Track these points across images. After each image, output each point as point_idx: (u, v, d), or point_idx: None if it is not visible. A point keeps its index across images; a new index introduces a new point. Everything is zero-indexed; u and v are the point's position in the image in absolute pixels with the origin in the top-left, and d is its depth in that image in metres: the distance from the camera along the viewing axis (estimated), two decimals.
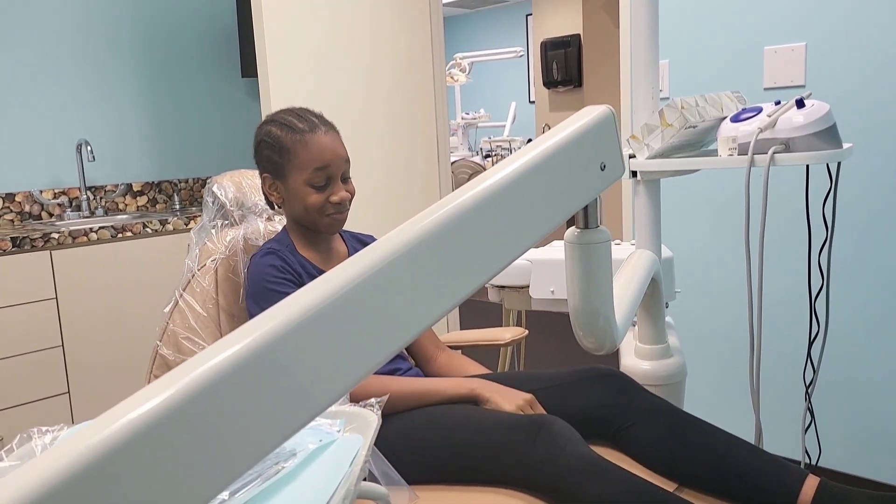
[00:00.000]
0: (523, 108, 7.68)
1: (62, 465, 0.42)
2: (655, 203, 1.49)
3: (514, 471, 1.15)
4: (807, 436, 1.56)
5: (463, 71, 6.12)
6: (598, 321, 0.88)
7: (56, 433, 0.75)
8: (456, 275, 0.65)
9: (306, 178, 1.39)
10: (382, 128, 2.65)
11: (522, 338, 1.68)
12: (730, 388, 2.25)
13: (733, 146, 1.32)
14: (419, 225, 0.62)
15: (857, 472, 2.03)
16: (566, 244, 0.87)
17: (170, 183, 3.10)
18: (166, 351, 1.49)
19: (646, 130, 1.39)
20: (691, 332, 2.28)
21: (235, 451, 0.49)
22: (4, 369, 2.20)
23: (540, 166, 0.73)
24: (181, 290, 1.52)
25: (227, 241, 1.55)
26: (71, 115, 2.82)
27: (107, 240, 2.39)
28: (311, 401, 0.53)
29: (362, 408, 0.76)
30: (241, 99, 3.34)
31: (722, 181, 2.20)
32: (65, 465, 0.42)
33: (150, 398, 0.45)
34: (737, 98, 1.52)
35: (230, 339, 0.50)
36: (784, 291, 2.07)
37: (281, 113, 1.45)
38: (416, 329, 0.61)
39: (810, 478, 1.12)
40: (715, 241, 2.24)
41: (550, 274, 1.66)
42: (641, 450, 1.26)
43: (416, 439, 1.24)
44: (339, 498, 0.61)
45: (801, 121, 1.26)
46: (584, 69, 5.35)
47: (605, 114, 0.82)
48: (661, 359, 1.45)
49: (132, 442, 0.44)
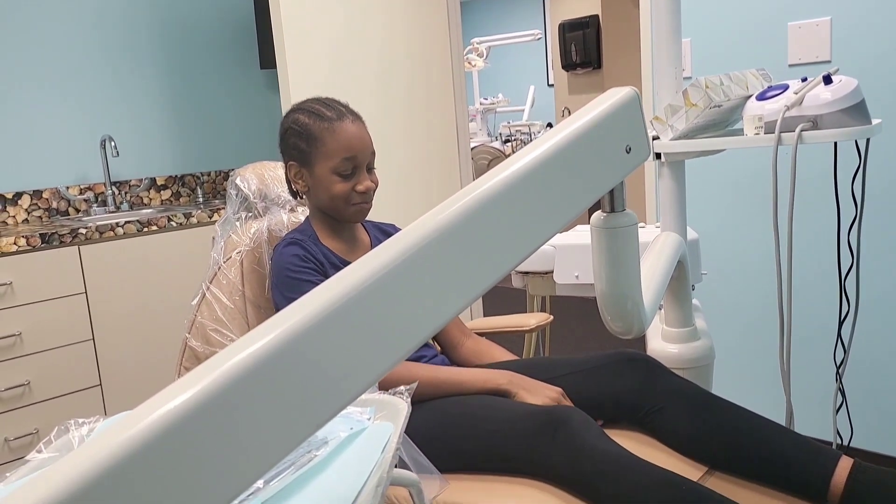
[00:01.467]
0: (542, 91, 7.63)
1: (102, 457, 0.42)
2: (680, 184, 1.48)
3: (535, 464, 1.16)
4: (838, 416, 1.55)
5: (480, 56, 6.09)
6: (625, 305, 0.87)
7: (92, 425, 0.77)
8: (484, 262, 0.65)
9: (333, 167, 1.39)
10: (401, 115, 2.64)
11: (547, 323, 1.68)
12: (759, 370, 2.23)
13: (759, 125, 1.30)
14: (446, 213, 0.62)
15: (890, 452, 2.01)
16: (592, 228, 0.86)
17: (192, 176, 3.13)
18: (195, 343, 1.50)
19: (669, 111, 1.37)
20: (718, 314, 2.26)
21: (269, 441, 0.49)
22: (38, 363, 2.24)
23: (565, 150, 0.72)
24: (208, 282, 1.54)
25: (251, 233, 1.56)
26: (94, 111, 2.85)
27: (133, 234, 2.42)
28: (343, 390, 0.53)
29: (392, 395, 0.76)
30: (260, 90, 3.35)
31: (746, 160, 2.16)
32: (105, 456, 0.42)
33: (183, 390, 0.46)
34: (762, 76, 1.49)
35: (261, 330, 0.50)
36: (813, 271, 2.05)
37: (308, 102, 1.45)
38: (445, 317, 0.61)
39: (844, 459, 1.10)
40: (740, 222, 2.21)
41: (574, 259, 1.66)
42: (670, 433, 1.25)
43: (440, 428, 1.24)
44: (372, 485, 0.61)
45: (828, 97, 1.24)
46: (603, 51, 5.30)
47: (630, 96, 0.81)
48: (688, 342, 1.44)
49: (168, 434, 0.44)
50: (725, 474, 1.18)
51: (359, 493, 0.61)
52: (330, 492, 0.62)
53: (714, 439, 1.19)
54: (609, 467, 1.07)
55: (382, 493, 0.59)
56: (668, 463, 1.20)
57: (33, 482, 0.40)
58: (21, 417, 2.22)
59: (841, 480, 1.08)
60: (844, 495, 1.07)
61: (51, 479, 0.41)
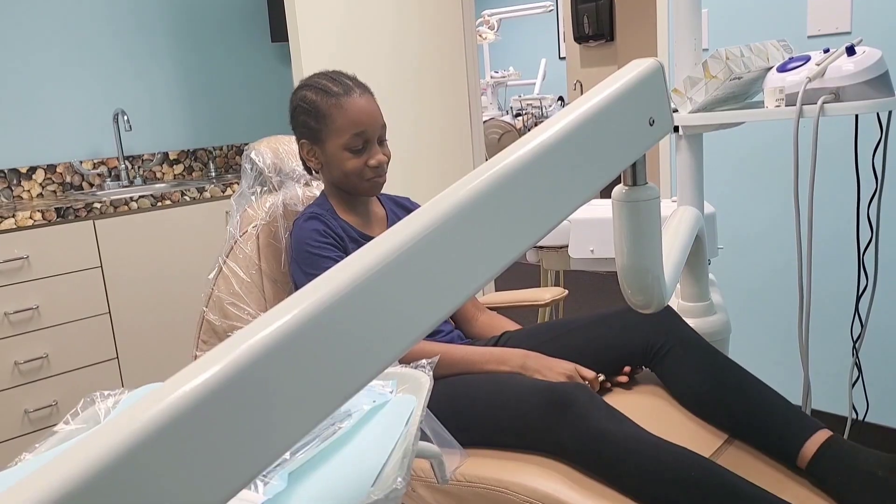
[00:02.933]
0: (554, 64, 7.54)
1: (135, 429, 0.43)
2: (698, 158, 1.46)
3: (545, 442, 1.17)
4: (854, 391, 1.55)
5: (491, 28, 6.01)
6: (646, 279, 0.87)
7: (118, 397, 0.77)
8: (507, 236, 0.64)
9: (344, 143, 1.38)
10: (413, 88, 2.62)
11: (562, 298, 1.68)
12: (774, 344, 2.22)
13: (780, 97, 1.28)
14: (470, 186, 0.61)
15: None
16: (614, 202, 0.85)
17: (205, 150, 3.13)
18: (212, 317, 1.51)
19: (688, 83, 1.35)
20: (734, 289, 2.26)
21: (297, 413, 0.50)
22: (55, 336, 2.27)
23: (590, 122, 0.71)
24: (224, 256, 1.54)
25: (266, 208, 1.56)
26: (106, 85, 2.85)
27: (147, 208, 2.43)
28: (368, 364, 0.53)
29: (414, 369, 0.77)
30: (272, 64, 3.33)
31: (761, 133, 2.14)
32: (138, 428, 0.43)
33: (212, 364, 0.46)
34: (783, 47, 1.47)
35: (287, 304, 0.50)
36: (831, 245, 2.03)
37: (314, 77, 1.44)
38: (468, 292, 0.61)
39: (822, 431, 1.12)
40: (755, 196, 2.20)
41: (590, 233, 1.65)
42: (673, 378, 1.29)
43: (453, 403, 1.25)
44: (397, 457, 0.62)
45: (851, 69, 1.22)
46: (616, 22, 5.22)
47: (654, 67, 0.80)
48: (704, 316, 1.44)
49: (199, 407, 0.45)
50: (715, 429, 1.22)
51: (384, 465, 0.62)
52: (355, 463, 0.63)
53: (713, 390, 1.23)
54: (619, 446, 1.07)
55: (409, 465, 0.59)
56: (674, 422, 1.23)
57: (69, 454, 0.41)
58: (40, 390, 2.25)
59: (811, 449, 1.10)
60: (812, 461, 1.09)
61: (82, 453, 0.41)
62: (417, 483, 1.23)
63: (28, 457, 0.69)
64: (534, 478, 1.12)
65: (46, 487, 0.40)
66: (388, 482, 0.57)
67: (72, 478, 0.40)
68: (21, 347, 2.20)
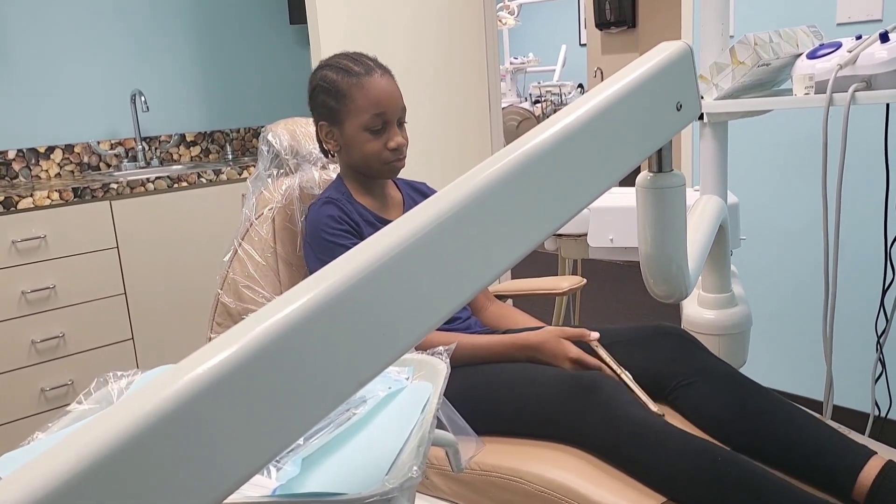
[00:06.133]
0: (574, 51, 7.46)
1: (147, 411, 0.42)
2: (723, 146, 1.43)
3: (568, 429, 1.15)
4: (877, 387, 1.51)
5: (511, 14, 5.96)
6: (670, 269, 0.85)
7: (131, 378, 0.77)
8: (526, 222, 0.63)
9: (363, 123, 1.36)
10: (432, 73, 2.60)
11: (580, 287, 1.66)
12: (796, 338, 2.19)
13: (810, 84, 1.25)
14: (492, 169, 0.60)
15: None
16: (638, 189, 0.83)
17: (221, 133, 3.12)
18: (227, 299, 1.51)
19: (715, 69, 1.32)
20: (755, 281, 2.22)
21: (313, 398, 0.49)
22: (72, 316, 2.28)
23: (615, 106, 0.69)
24: (240, 239, 1.53)
25: (283, 190, 1.55)
26: (124, 66, 2.84)
27: (163, 190, 2.43)
28: (383, 350, 0.52)
29: (430, 356, 0.75)
30: (290, 46, 3.31)
31: (788, 122, 2.10)
32: (150, 409, 0.42)
33: (224, 348, 0.45)
34: (813, 33, 1.43)
35: (302, 287, 0.49)
36: (857, 237, 1.99)
37: (335, 57, 1.42)
38: (486, 279, 0.59)
39: (876, 457, 1.03)
40: (780, 186, 2.15)
41: (609, 221, 1.62)
42: (698, 410, 1.19)
43: (471, 391, 1.23)
44: (413, 444, 0.61)
45: (884, 56, 1.18)
46: (638, 8, 5.15)
47: (683, 50, 0.78)
48: (725, 308, 1.41)
49: (211, 390, 0.44)
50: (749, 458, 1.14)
51: (399, 452, 0.60)
52: (370, 450, 0.62)
53: (741, 421, 1.14)
54: (644, 434, 1.06)
55: (425, 453, 0.58)
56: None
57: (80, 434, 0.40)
58: (56, 369, 2.26)
59: (869, 477, 1.01)
60: (871, 492, 1.00)
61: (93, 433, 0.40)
62: (431, 471, 1.22)
63: (40, 436, 0.69)
64: (549, 467, 1.11)
65: (56, 468, 0.39)
66: (403, 470, 0.56)
67: (81, 459, 0.39)
68: (38, 326, 2.21)
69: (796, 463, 1.08)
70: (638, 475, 1.07)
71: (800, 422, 1.11)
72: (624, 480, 1.07)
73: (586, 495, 1.05)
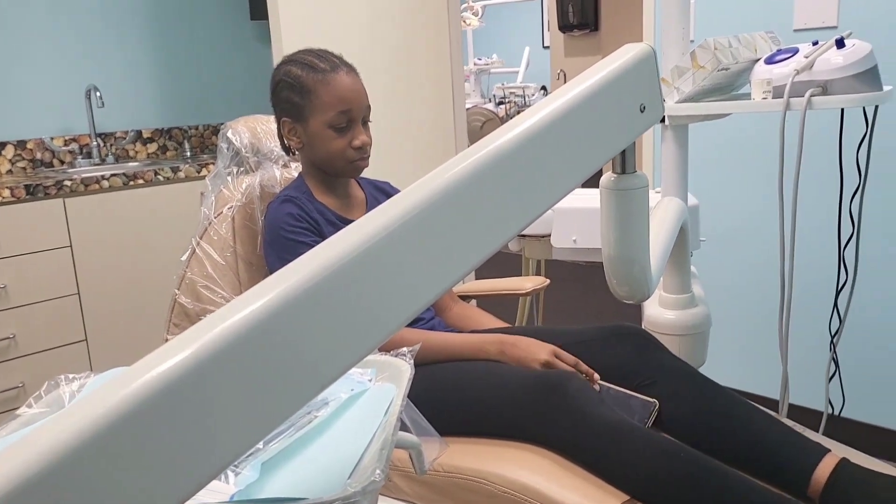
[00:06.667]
0: (537, 53, 7.51)
1: (98, 414, 0.40)
2: (683, 149, 1.45)
3: (533, 429, 1.15)
4: (830, 385, 1.55)
5: (476, 14, 5.97)
6: (633, 270, 0.85)
7: (83, 381, 0.74)
8: (491, 222, 0.62)
9: (328, 120, 1.34)
10: (396, 73, 2.58)
11: (544, 287, 1.66)
12: (753, 338, 2.23)
13: (768, 89, 1.27)
14: (455, 170, 0.59)
15: (880, 423, 2.02)
16: (602, 190, 0.84)
17: (180, 130, 3.06)
18: (185, 300, 1.48)
19: (676, 73, 1.34)
20: (715, 282, 2.26)
21: (271, 402, 0.47)
22: (24, 317, 2.21)
23: (579, 107, 0.69)
24: (198, 237, 1.50)
25: (243, 189, 1.53)
26: (79, 60, 2.77)
27: (119, 187, 2.37)
28: (346, 352, 0.51)
29: (394, 357, 0.74)
30: (251, 42, 3.26)
31: (747, 126, 2.14)
32: (101, 413, 0.40)
33: (182, 349, 0.44)
34: (771, 39, 1.46)
35: (263, 287, 0.48)
36: (812, 239, 2.04)
37: (300, 53, 1.40)
38: (451, 279, 0.58)
39: (830, 455, 1.06)
40: (739, 189, 2.19)
41: (573, 222, 1.63)
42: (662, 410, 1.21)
43: (436, 391, 1.23)
44: (376, 447, 0.60)
45: (840, 62, 1.21)
46: (601, 11, 5.21)
47: (646, 52, 0.78)
48: (685, 308, 1.43)
49: (166, 393, 0.42)
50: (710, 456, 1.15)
51: (362, 456, 0.59)
52: (332, 454, 0.61)
53: (701, 419, 1.16)
54: (608, 433, 1.06)
55: (388, 456, 0.57)
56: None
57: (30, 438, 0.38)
58: (7, 371, 2.19)
59: (823, 475, 1.04)
60: (825, 491, 1.03)
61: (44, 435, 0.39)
62: (394, 473, 1.21)
63: None
64: (514, 468, 1.11)
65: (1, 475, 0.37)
66: (365, 474, 0.55)
67: (28, 467, 0.38)
68: None
69: (754, 461, 1.10)
70: (601, 474, 1.07)
71: (757, 421, 1.13)
72: (588, 479, 1.07)
73: (550, 495, 1.06)
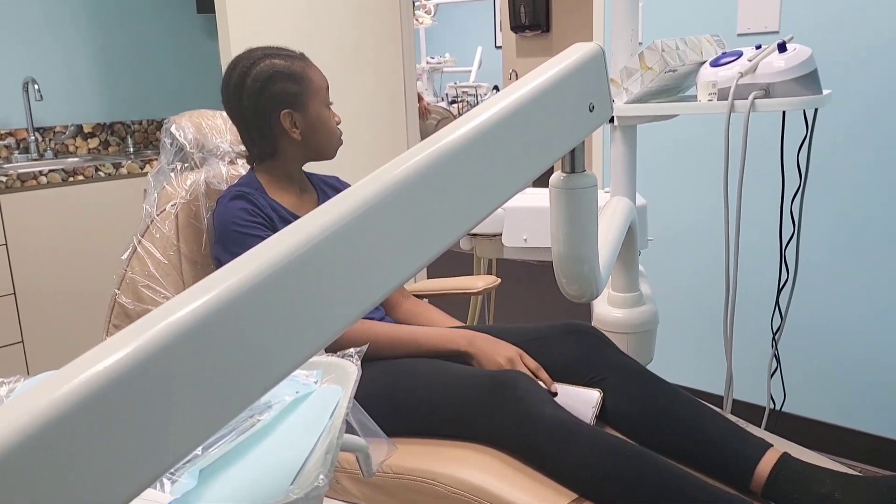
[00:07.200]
0: (490, 53, 7.54)
1: (23, 423, 0.38)
2: (632, 149, 1.47)
3: (482, 429, 1.15)
4: (772, 381, 1.59)
5: (428, 13, 5.96)
6: (582, 269, 0.85)
7: (13, 385, 0.70)
8: (441, 219, 0.61)
9: (324, 100, 1.40)
10: (347, 69, 2.56)
11: (495, 286, 1.66)
12: (698, 336, 2.28)
13: (713, 91, 1.29)
14: (404, 166, 0.58)
15: (820, 417, 2.09)
16: (551, 189, 0.83)
17: (122, 125, 2.97)
18: (125, 299, 1.43)
19: (625, 74, 1.35)
20: (661, 280, 2.30)
21: (210, 406, 0.45)
22: None
23: (528, 106, 0.69)
24: (139, 235, 1.45)
25: (187, 186, 1.48)
26: (15, 51, 2.66)
27: (57, 183, 2.28)
28: (290, 352, 0.49)
29: (341, 358, 0.73)
30: (197, 36, 3.18)
31: (693, 127, 2.18)
32: (26, 421, 0.38)
33: (115, 350, 0.41)
34: (716, 42, 1.48)
35: (203, 286, 0.46)
36: (754, 239, 2.09)
37: (261, 49, 1.41)
38: (401, 277, 0.57)
39: (772, 450, 1.09)
40: (685, 189, 2.24)
41: (524, 221, 1.64)
42: (608, 406, 1.22)
43: (386, 390, 1.22)
44: (320, 451, 0.58)
45: (782, 65, 1.24)
46: (552, 12, 5.25)
47: (595, 51, 0.78)
48: (633, 307, 1.45)
49: (98, 397, 0.40)
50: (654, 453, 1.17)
51: (306, 460, 0.58)
52: (275, 459, 0.59)
53: (649, 416, 1.18)
54: (557, 432, 1.07)
55: (333, 460, 0.55)
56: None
57: None
58: None
59: (766, 469, 1.06)
60: (767, 485, 1.06)
61: None
62: (342, 475, 1.19)
63: None
64: (463, 468, 1.10)
65: None
66: (309, 480, 0.53)
67: None
68: None
69: (700, 456, 1.12)
70: (550, 473, 1.07)
71: (703, 417, 1.15)
72: (537, 479, 1.07)
73: (499, 495, 1.05)
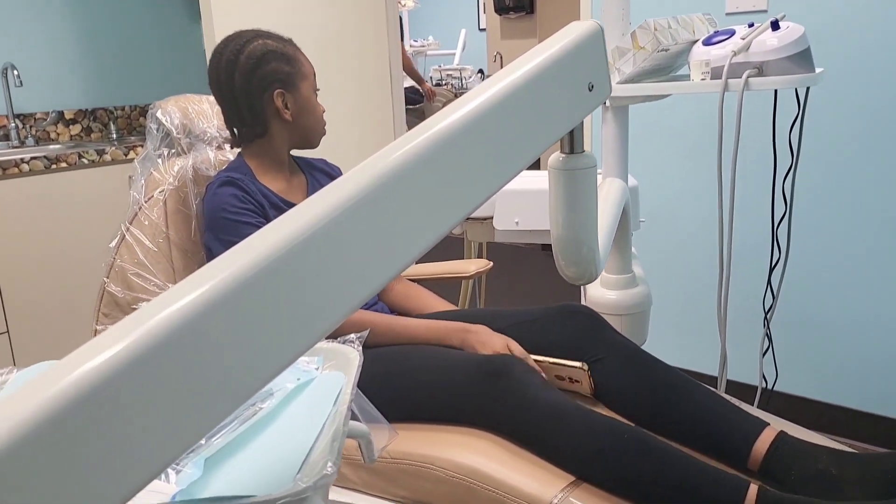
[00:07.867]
0: (474, 35, 7.48)
1: (28, 414, 0.37)
2: (624, 130, 1.46)
3: (479, 413, 1.15)
4: (764, 360, 1.60)
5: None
6: (581, 250, 0.85)
7: (6, 376, 0.69)
8: (440, 204, 0.60)
9: (312, 84, 1.40)
10: (332, 53, 2.53)
11: (487, 270, 1.66)
12: (692, 316, 2.29)
13: (706, 70, 1.29)
14: (400, 151, 0.57)
15: (811, 396, 2.11)
16: (550, 170, 0.83)
17: (105, 110, 2.92)
18: (115, 288, 1.41)
19: (617, 54, 1.34)
20: (653, 261, 2.30)
21: (213, 396, 0.45)
22: None
23: (528, 86, 0.68)
24: (127, 223, 1.43)
25: (175, 171, 1.46)
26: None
27: (40, 171, 2.24)
28: (292, 341, 0.49)
29: (342, 344, 0.72)
30: (181, 19, 3.13)
31: (685, 107, 2.17)
32: (31, 412, 0.37)
33: (116, 341, 0.40)
34: (708, 21, 1.48)
35: (202, 274, 0.45)
36: (746, 218, 2.09)
37: (250, 31, 1.39)
38: (401, 263, 0.56)
39: (769, 428, 1.09)
40: (678, 169, 2.23)
41: (515, 204, 1.63)
42: (604, 386, 1.23)
43: (383, 377, 1.21)
44: (326, 439, 0.57)
45: (775, 43, 1.23)
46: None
47: (594, 30, 0.77)
48: (626, 288, 1.45)
49: (101, 388, 0.39)
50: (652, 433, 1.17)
51: (311, 448, 0.57)
52: (279, 447, 0.58)
53: (645, 396, 1.18)
54: (552, 415, 1.07)
55: (339, 448, 0.55)
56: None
57: None
58: None
59: (763, 448, 1.06)
60: (764, 463, 1.06)
61: None
62: None
63: None
64: (460, 452, 1.10)
65: None
66: (316, 468, 0.52)
67: None
68: None
69: (696, 436, 1.13)
70: (547, 456, 1.08)
71: (699, 397, 1.16)
72: (534, 461, 1.07)
73: (497, 478, 1.05)
